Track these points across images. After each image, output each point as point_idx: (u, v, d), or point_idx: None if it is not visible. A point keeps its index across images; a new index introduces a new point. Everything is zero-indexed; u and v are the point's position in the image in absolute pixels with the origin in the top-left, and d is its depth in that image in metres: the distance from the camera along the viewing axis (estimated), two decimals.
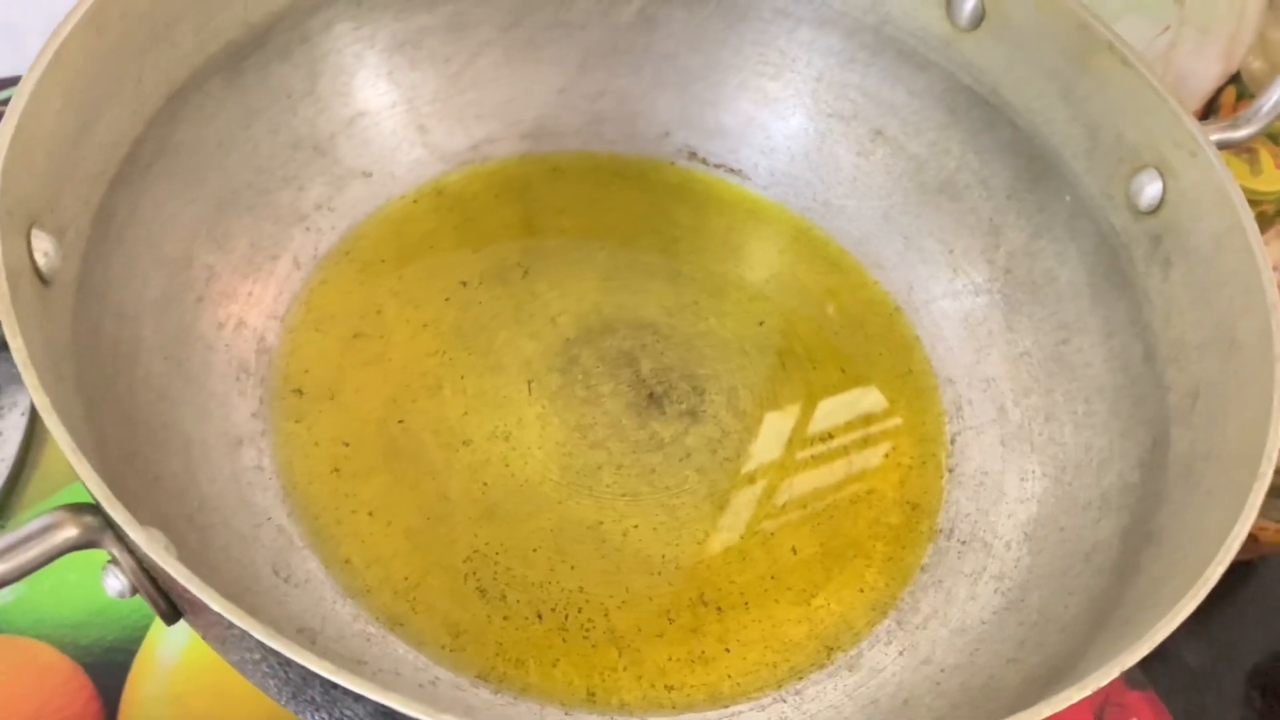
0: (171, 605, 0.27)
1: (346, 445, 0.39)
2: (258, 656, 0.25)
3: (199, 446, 0.37)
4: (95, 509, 0.25)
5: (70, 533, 0.25)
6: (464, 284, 0.44)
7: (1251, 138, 0.39)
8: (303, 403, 0.40)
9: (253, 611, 0.32)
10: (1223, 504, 0.31)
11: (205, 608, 0.24)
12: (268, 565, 0.36)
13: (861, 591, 0.39)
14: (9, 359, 0.44)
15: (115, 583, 0.26)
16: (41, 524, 0.25)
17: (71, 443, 0.25)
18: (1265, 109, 0.39)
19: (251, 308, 0.41)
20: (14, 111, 0.30)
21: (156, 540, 0.25)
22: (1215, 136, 0.38)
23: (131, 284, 0.37)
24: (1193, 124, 0.38)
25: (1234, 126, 0.39)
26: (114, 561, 0.26)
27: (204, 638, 0.29)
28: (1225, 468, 0.32)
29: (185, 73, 0.39)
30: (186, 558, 0.28)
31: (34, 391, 0.25)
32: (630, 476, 0.40)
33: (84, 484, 0.25)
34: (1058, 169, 0.43)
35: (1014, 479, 0.41)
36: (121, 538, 0.25)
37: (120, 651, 0.40)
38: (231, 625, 0.24)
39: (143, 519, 0.27)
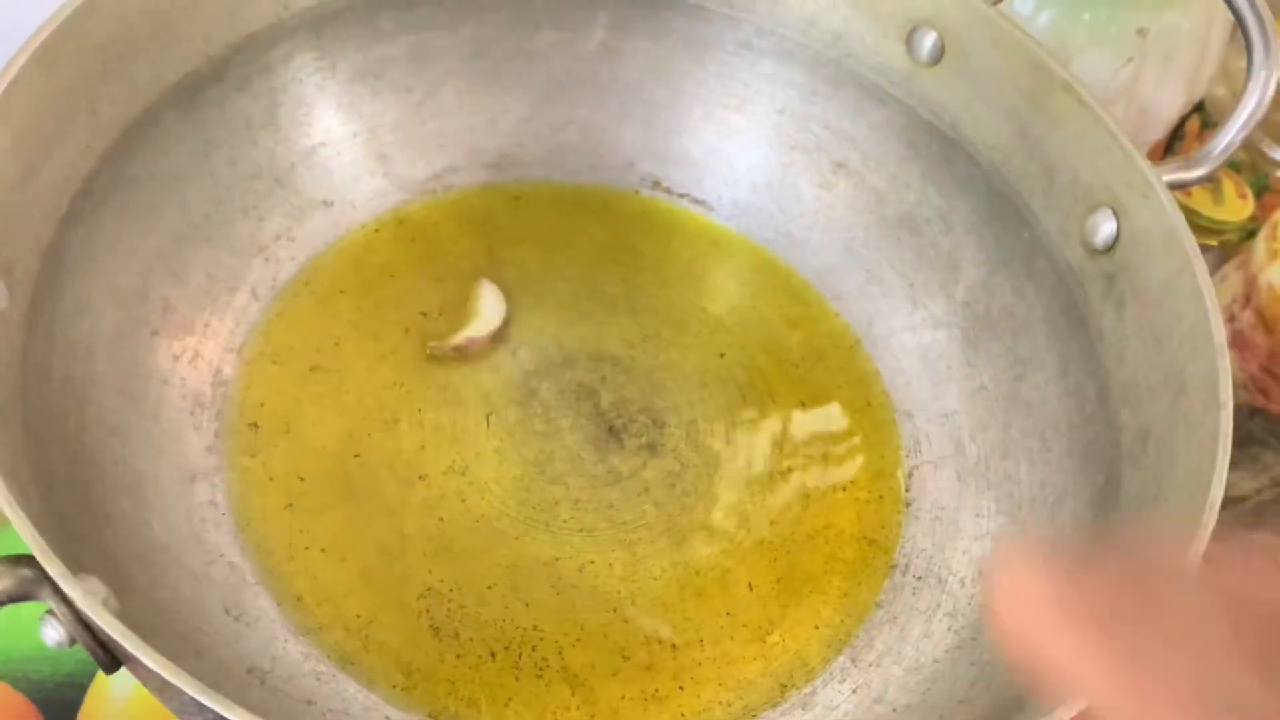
0: (111, 655, 0.26)
1: (301, 480, 0.39)
2: (195, 708, 0.25)
3: (151, 483, 0.37)
4: (31, 560, 0.25)
5: (5, 584, 0.25)
6: (424, 315, 0.44)
7: (1204, 179, 0.39)
8: (258, 437, 0.40)
9: (201, 652, 0.32)
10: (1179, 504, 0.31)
11: (144, 663, 0.24)
12: (219, 603, 0.36)
13: (817, 628, 0.39)
14: None
15: (53, 633, 0.26)
16: None
17: (7, 494, 0.25)
18: (1217, 150, 0.39)
19: (208, 340, 0.41)
20: None
21: (95, 592, 0.25)
22: (1168, 177, 0.39)
23: (84, 319, 0.37)
24: (1145, 165, 0.38)
25: (1187, 167, 0.39)
26: (52, 612, 0.26)
27: (144, 685, 0.28)
28: (1173, 512, 0.33)
29: (140, 106, 0.39)
30: (130, 602, 0.28)
31: None
32: (588, 511, 0.40)
33: (20, 536, 0.25)
34: (1016, 205, 0.43)
35: (969, 515, 0.41)
36: (58, 590, 0.25)
37: (72, 687, 0.39)
38: (180, 690, 0.24)
39: (87, 563, 0.27)
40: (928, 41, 0.44)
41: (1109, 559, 0.18)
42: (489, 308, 0.44)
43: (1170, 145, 0.62)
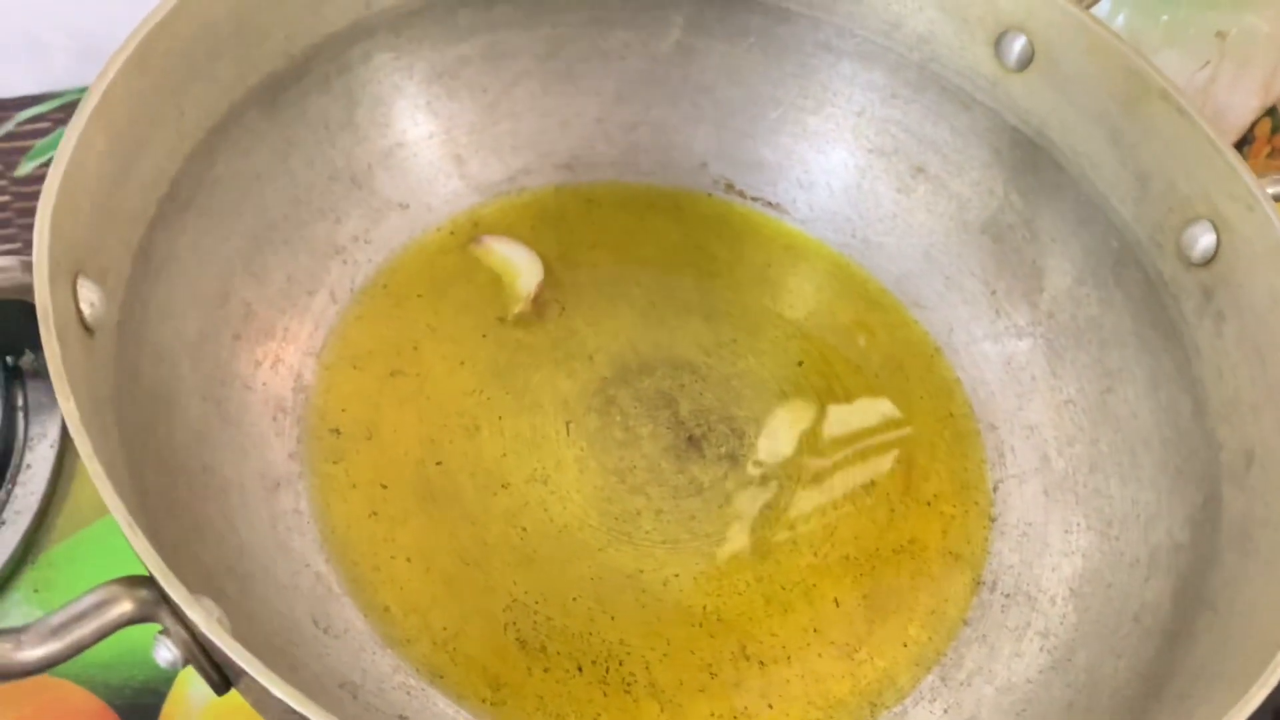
0: (223, 676, 0.26)
1: (384, 488, 0.39)
2: None
3: (237, 490, 0.36)
4: (149, 581, 0.25)
5: (125, 608, 0.24)
6: (500, 319, 0.44)
7: None
8: (340, 443, 0.39)
9: (296, 666, 0.31)
10: None
11: (257, 682, 0.24)
12: (307, 615, 0.35)
13: (905, 645, 0.38)
14: (37, 387, 0.44)
15: (167, 654, 0.25)
16: (95, 599, 0.24)
17: (128, 517, 0.24)
18: None
19: (288, 344, 0.40)
20: (61, 158, 0.30)
21: (211, 613, 0.25)
22: (1273, 190, 0.38)
23: (169, 324, 0.36)
24: (1250, 177, 0.37)
25: None
26: (165, 632, 0.25)
27: (247, 700, 0.28)
28: None
29: (225, 106, 0.38)
30: (237, 624, 0.27)
31: (88, 460, 0.25)
32: (670, 523, 0.40)
33: (139, 558, 0.24)
34: (1104, 213, 0.42)
35: (1058, 531, 0.41)
36: (176, 612, 0.24)
37: (151, 693, 0.39)
38: (288, 708, 0.23)
39: (190, 580, 0.27)
40: (1017, 46, 0.43)
41: None
42: (515, 257, 0.44)
43: (1240, 148, 0.61)
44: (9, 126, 0.53)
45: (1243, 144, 0.61)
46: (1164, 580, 0.36)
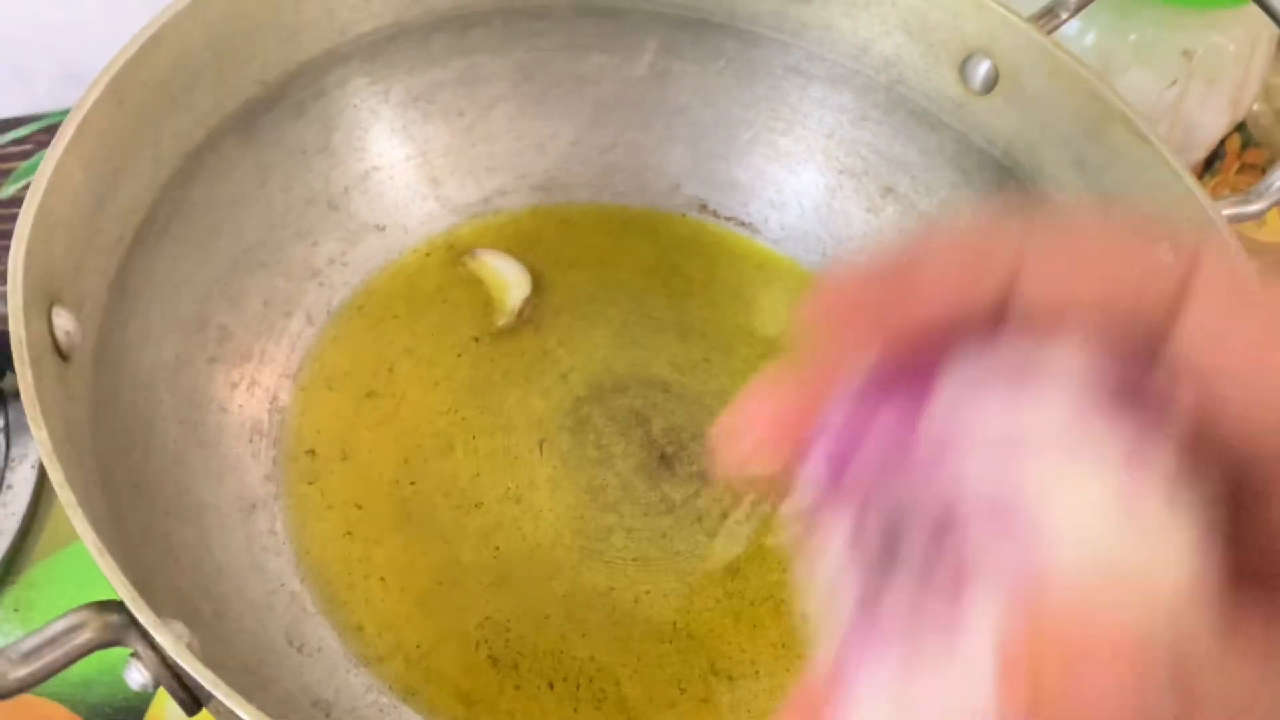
0: (194, 697, 0.27)
1: (359, 508, 0.39)
2: None
3: (213, 512, 0.37)
4: (119, 606, 0.25)
5: (95, 633, 0.25)
6: (475, 339, 0.44)
7: (1263, 213, 0.39)
8: (315, 464, 0.40)
9: (267, 684, 0.32)
10: None
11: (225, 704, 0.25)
12: (282, 634, 0.36)
13: None
14: (19, 408, 0.44)
15: (138, 676, 0.26)
16: (65, 625, 0.25)
17: (97, 542, 0.25)
18: (1277, 184, 0.39)
19: (264, 367, 0.41)
20: (36, 190, 0.30)
21: (180, 637, 0.26)
22: (1228, 212, 0.39)
23: (146, 349, 0.37)
24: (1206, 200, 0.38)
25: (1246, 201, 0.39)
26: (136, 655, 0.26)
27: (215, 719, 0.29)
28: None
29: (201, 134, 0.39)
30: (200, 637, 0.28)
31: (60, 488, 0.25)
32: (641, 540, 0.40)
33: (111, 583, 0.25)
34: None
35: None
36: (145, 636, 0.25)
37: (130, 711, 0.39)
38: None
39: (162, 604, 0.27)
40: (981, 70, 0.44)
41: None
42: (506, 271, 0.45)
43: (1210, 164, 0.62)
44: None
45: (1213, 159, 0.62)
46: None
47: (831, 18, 0.45)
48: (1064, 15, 0.44)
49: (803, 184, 0.49)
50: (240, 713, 0.24)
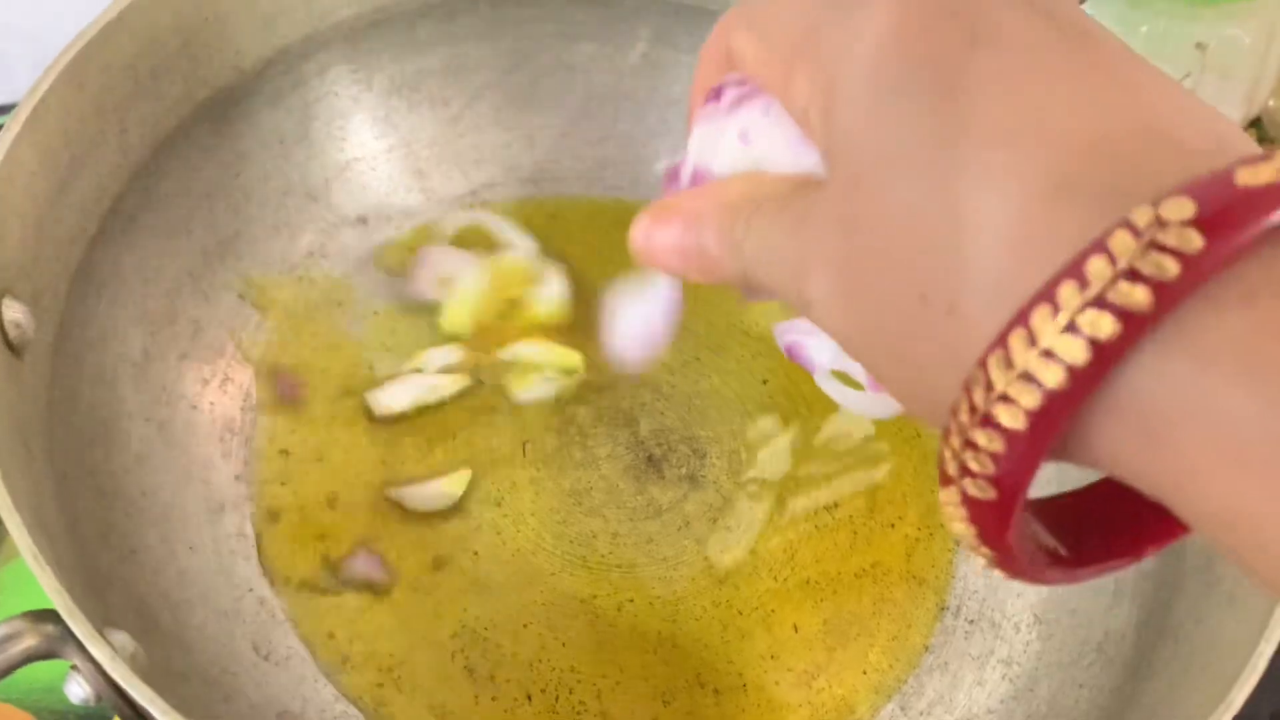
0: (138, 713, 0.25)
1: (333, 509, 0.38)
2: None
3: (179, 514, 0.35)
4: (57, 616, 0.24)
5: (30, 643, 0.24)
6: (457, 336, 0.43)
7: None
8: (289, 464, 0.39)
9: (230, 696, 0.31)
10: (1244, 613, 0.29)
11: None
12: (248, 642, 0.34)
13: (864, 673, 0.38)
14: None
15: (79, 690, 0.24)
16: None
17: (33, 547, 0.23)
18: None
19: (238, 363, 0.40)
20: None
21: (123, 648, 0.24)
22: None
23: (111, 344, 0.35)
24: None
25: None
26: (76, 668, 0.24)
27: None
28: None
29: (172, 122, 0.38)
30: (156, 644, 0.26)
31: None
32: (627, 546, 0.39)
33: (45, 591, 0.24)
34: None
35: None
36: (83, 648, 0.24)
37: (98, 718, 0.38)
38: None
39: (113, 604, 0.26)
40: None
41: None
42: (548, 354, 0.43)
43: None
44: None
45: None
46: (1128, 608, 0.36)
47: None
48: None
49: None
50: None
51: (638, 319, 0.28)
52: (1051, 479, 0.18)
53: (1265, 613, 0.28)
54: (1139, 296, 0.14)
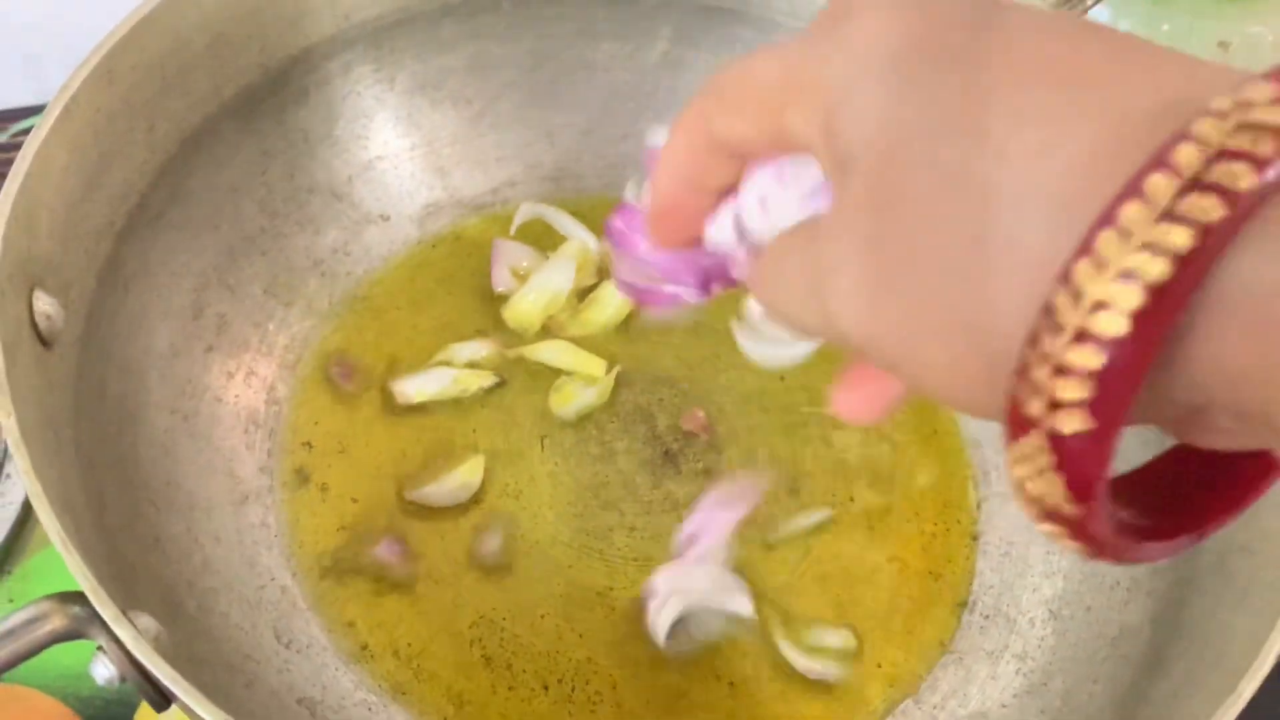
0: (162, 694, 0.26)
1: (355, 502, 0.39)
2: None
3: (203, 505, 0.36)
4: (82, 598, 0.25)
5: (57, 624, 0.24)
6: (480, 332, 0.43)
7: None
8: (312, 456, 0.39)
9: (252, 681, 0.31)
10: (1257, 607, 0.29)
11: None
12: (270, 629, 0.35)
13: (879, 666, 0.38)
14: None
15: (104, 670, 0.25)
16: (27, 615, 0.24)
17: (60, 531, 0.24)
18: None
19: (262, 357, 0.40)
20: (17, 173, 0.30)
21: (147, 630, 0.25)
22: None
23: (138, 337, 0.36)
24: None
25: None
26: (102, 649, 0.25)
27: (185, 713, 0.28)
28: (1261, 565, 0.31)
29: (198, 119, 0.38)
30: (180, 631, 0.27)
31: (26, 476, 0.25)
32: (643, 539, 0.39)
33: (72, 573, 0.24)
34: None
35: (1040, 551, 0.40)
36: (109, 629, 0.24)
37: (121, 705, 0.39)
38: None
39: (139, 592, 0.27)
40: None
41: None
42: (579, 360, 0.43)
43: None
44: (4, 137, 0.53)
45: None
46: (1143, 604, 0.36)
47: None
48: (1089, 1, 0.42)
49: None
50: (200, 711, 0.23)
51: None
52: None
53: (1277, 607, 0.28)
54: (1240, 173, 0.13)
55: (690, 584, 0.36)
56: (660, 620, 0.36)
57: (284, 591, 0.36)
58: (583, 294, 0.44)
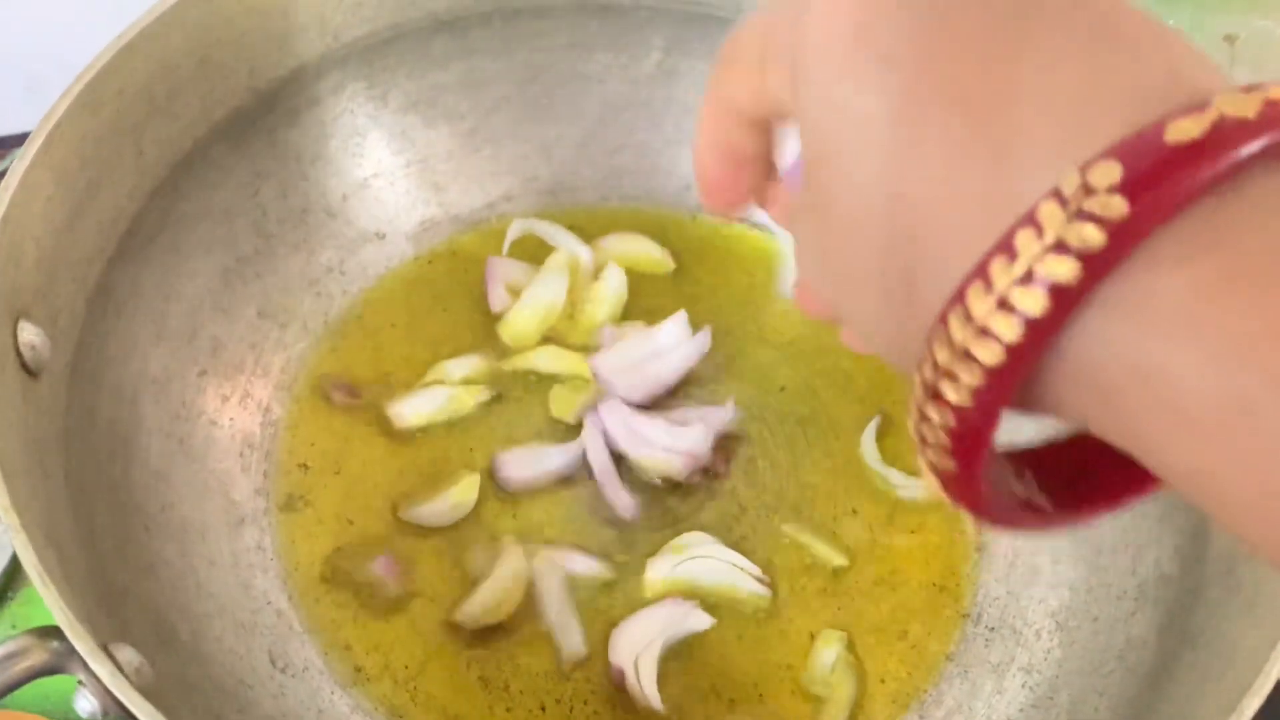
0: None
1: (351, 523, 0.38)
2: None
3: (197, 528, 0.36)
4: (59, 633, 0.24)
5: (35, 660, 0.24)
6: (474, 348, 0.43)
7: None
8: (308, 478, 0.39)
9: (245, 707, 0.31)
10: (1264, 618, 0.29)
11: None
12: (264, 654, 0.35)
13: (883, 682, 0.37)
14: None
15: (86, 704, 0.25)
16: (7, 650, 0.24)
17: (38, 565, 0.24)
18: None
19: (258, 379, 0.40)
20: (0, 204, 0.30)
21: (129, 663, 0.25)
22: None
23: (131, 363, 0.36)
24: None
25: None
26: (83, 684, 0.25)
27: None
28: (1268, 576, 0.30)
29: (189, 142, 0.38)
30: (172, 657, 0.27)
31: (5, 511, 0.25)
32: (643, 555, 0.39)
33: (48, 607, 0.24)
34: None
35: (1046, 561, 0.39)
36: (88, 665, 0.24)
37: None
38: None
39: (129, 622, 0.26)
40: None
41: None
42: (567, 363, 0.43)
43: None
44: (5, 164, 0.53)
45: None
46: (1150, 614, 0.35)
47: None
48: None
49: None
50: None
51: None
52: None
53: None
54: (1065, 269, 0.14)
55: (646, 633, 0.36)
56: (646, 684, 0.35)
57: (279, 615, 0.36)
58: (577, 302, 0.44)
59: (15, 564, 0.42)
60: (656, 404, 0.41)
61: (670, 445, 0.39)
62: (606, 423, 0.39)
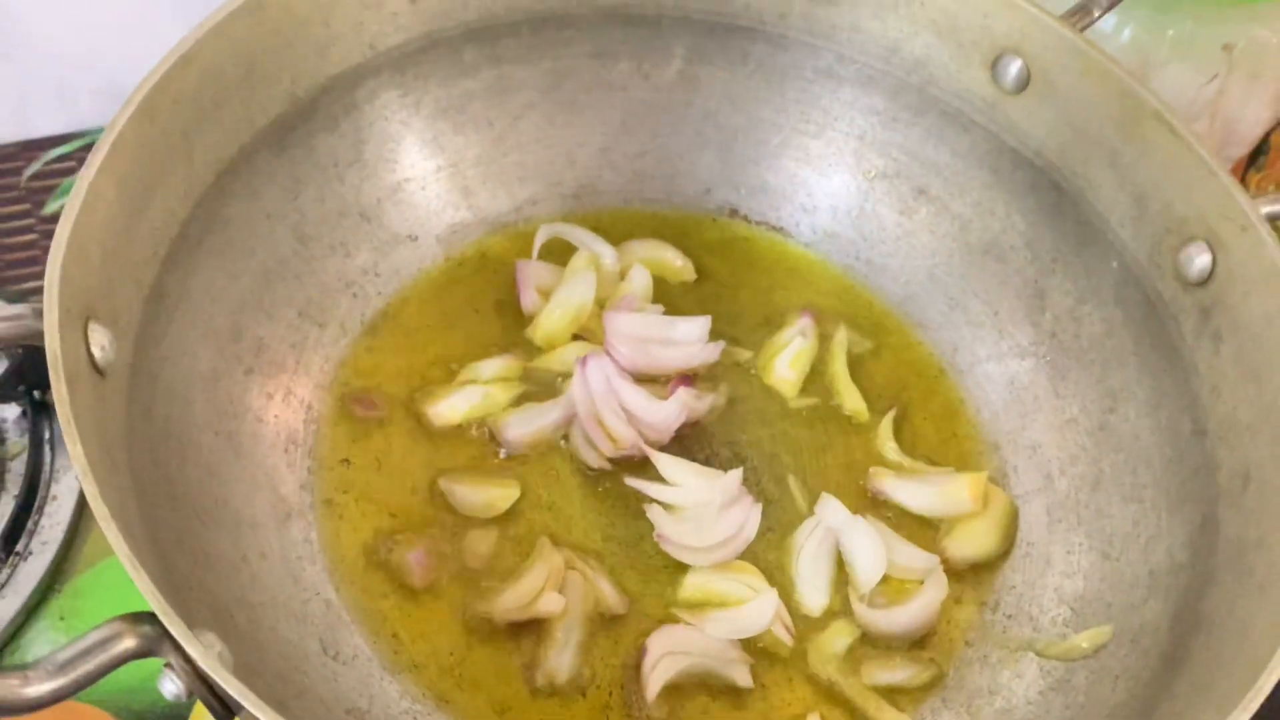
0: (227, 708, 0.27)
1: (393, 516, 0.40)
2: None
3: (248, 522, 0.37)
4: (152, 618, 0.26)
5: (129, 644, 0.25)
6: (503, 348, 0.44)
7: None
8: (350, 473, 0.40)
9: (302, 692, 0.32)
10: (1276, 600, 0.30)
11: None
12: (316, 642, 0.36)
13: (905, 667, 0.39)
14: None
15: (172, 686, 0.26)
16: (100, 636, 0.25)
17: (129, 554, 0.25)
18: None
19: (299, 377, 0.42)
20: (71, 209, 0.31)
21: (211, 647, 0.26)
22: (1266, 209, 0.38)
23: (182, 362, 0.37)
24: (1243, 198, 0.37)
25: None
26: (169, 666, 0.26)
27: None
28: (1279, 559, 0.32)
29: (234, 149, 0.39)
30: (234, 646, 0.28)
31: (93, 502, 0.26)
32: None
33: (143, 595, 0.25)
34: (1104, 234, 0.43)
35: (1060, 551, 0.41)
36: (178, 647, 0.25)
37: (171, 719, 0.40)
38: None
39: (196, 614, 0.28)
40: (1013, 69, 0.43)
41: None
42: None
43: (1254, 159, 0.61)
44: (37, 166, 0.54)
45: (1258, 154, 0.60)
46: (1162, 601, 0.37)
47: (860, 19, 0.45)
48: (1096, 13, 0.43)
49: (834, 187, 0.48)
50: None
51: None
52: None
53: None
54: None
55: (689, 647, 0.37)
56: (653, 680, 0.36)
57: (328, 605, 0.37)
58: (604, 301, 0.45)
59: (61, 558, 0.43)
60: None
61: (640, 415, 0.41)
62: (590, 371, 0.41)
